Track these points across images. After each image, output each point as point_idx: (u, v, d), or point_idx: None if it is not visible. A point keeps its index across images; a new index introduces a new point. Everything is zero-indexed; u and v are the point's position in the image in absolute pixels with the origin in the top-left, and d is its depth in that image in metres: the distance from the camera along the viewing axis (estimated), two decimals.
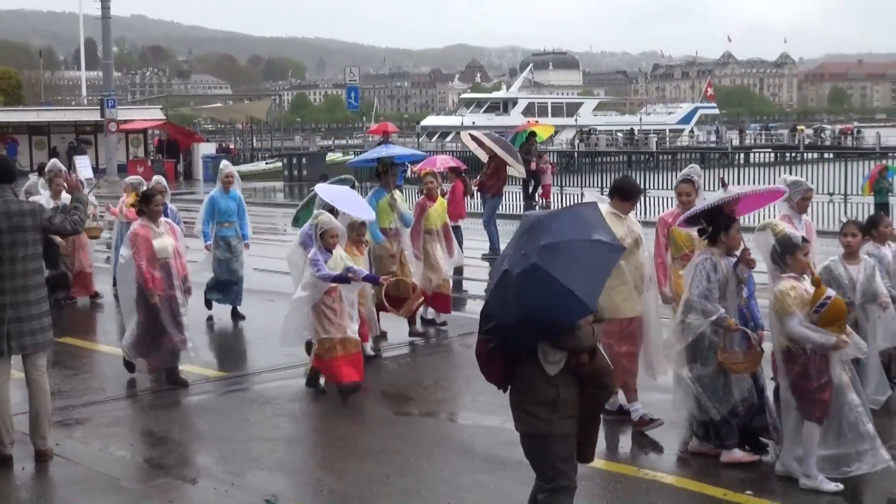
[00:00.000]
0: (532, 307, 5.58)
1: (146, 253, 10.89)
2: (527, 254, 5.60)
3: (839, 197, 27.15)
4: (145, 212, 11.11)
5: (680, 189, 9.82)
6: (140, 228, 11.04)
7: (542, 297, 5.57)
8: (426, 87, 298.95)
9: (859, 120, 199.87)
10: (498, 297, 5.75)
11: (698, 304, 8.09)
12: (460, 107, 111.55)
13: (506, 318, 5.71)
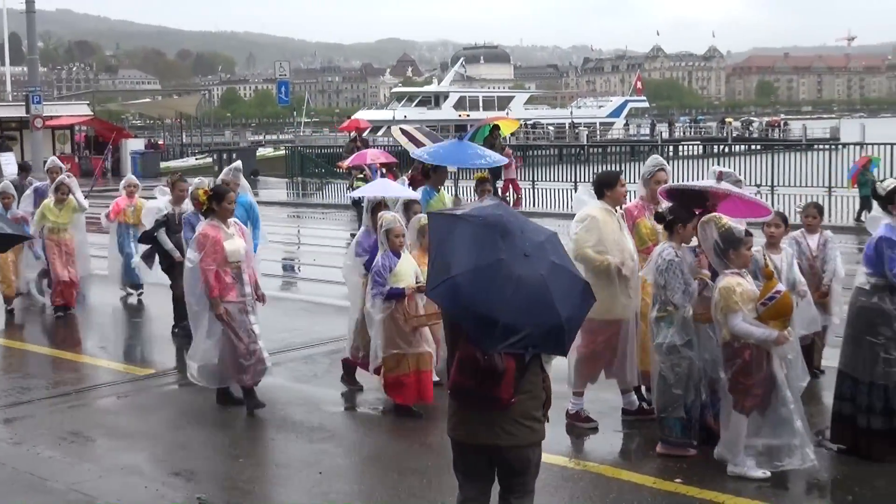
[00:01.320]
0: (568, 307, 5.37)
1: (217, 257, 9.75)
2: (531, 255, 5.35)
3: (766, 188, 27.51)
4: (215, 210, 9.92)
5: (658, 177, 9.62)
6: (210, 229, 9.85)
7: (573, 294, 5.44)
8: (357, 82, 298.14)
9: (786, 112, 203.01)
10: (522, 304, 5.27)
11: (682, 303, 8.09)
12: (392, 101, 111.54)
13: (541, 325, 5.33)
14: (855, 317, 8.25)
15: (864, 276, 8.19)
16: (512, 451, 5.64)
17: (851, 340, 8.32)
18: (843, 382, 8.36)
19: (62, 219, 15.12)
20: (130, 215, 16.00)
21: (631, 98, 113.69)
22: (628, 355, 9.13)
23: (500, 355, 5.37)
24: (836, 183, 27.63)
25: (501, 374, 5.41)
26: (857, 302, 8.22)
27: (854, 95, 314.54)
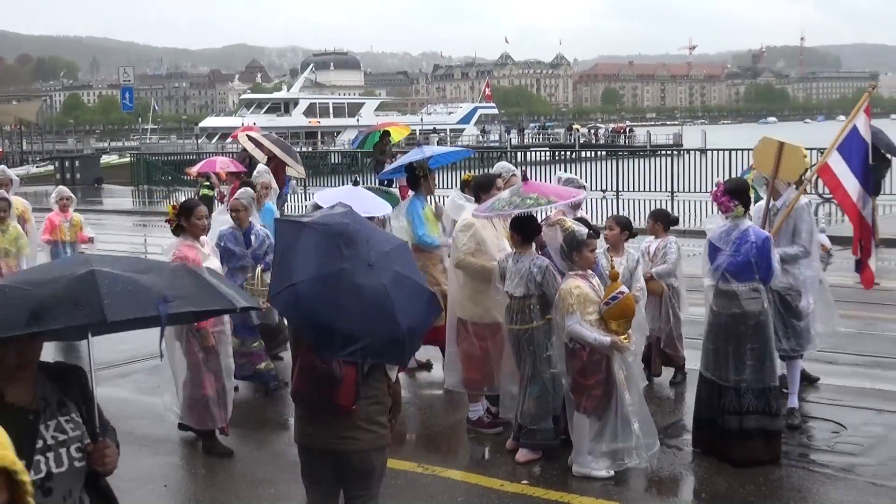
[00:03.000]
0: (410, 317, 5.30)
1: None
2: (375, 265, 5.28)
3: (612, 193, 28.06)
4: (185, 227, 8.93)
5: (513, 183, 9.58)
6: (187, 249, 8.80)
7: (416, 304, 5.38)
8: (205, 88, 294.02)
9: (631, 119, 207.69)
10: (363, 314, 5.19)
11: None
12: (241, 107, 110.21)
13: (381, 335, 5.25)
14: (726, 322, 8.28)
15: (736, 282, 8.24)
16: (355, 456, 5.62)
17: (717, 345, 8.36)
18: (705, 386, 8.43)
19: (8, 243, 12.64)
20: (67, 231, 14.22)
21: (480, 105, 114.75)
22: (504, 359, 9.16)
23: (338, 363, 5.35)
24: (678, 188, 28.35)
25: (340, 382, 5.40)
26: (727, 308, 8.26)
27: (696, 103, 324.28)
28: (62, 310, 3.72)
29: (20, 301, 3.71)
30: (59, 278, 3.85)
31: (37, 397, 3.97)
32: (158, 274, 4.14)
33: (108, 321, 3.74)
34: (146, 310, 3.89)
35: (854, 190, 9.44)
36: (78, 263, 4.06)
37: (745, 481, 7.80)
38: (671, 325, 10.37)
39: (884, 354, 11.79)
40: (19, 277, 4.19)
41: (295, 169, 19.79)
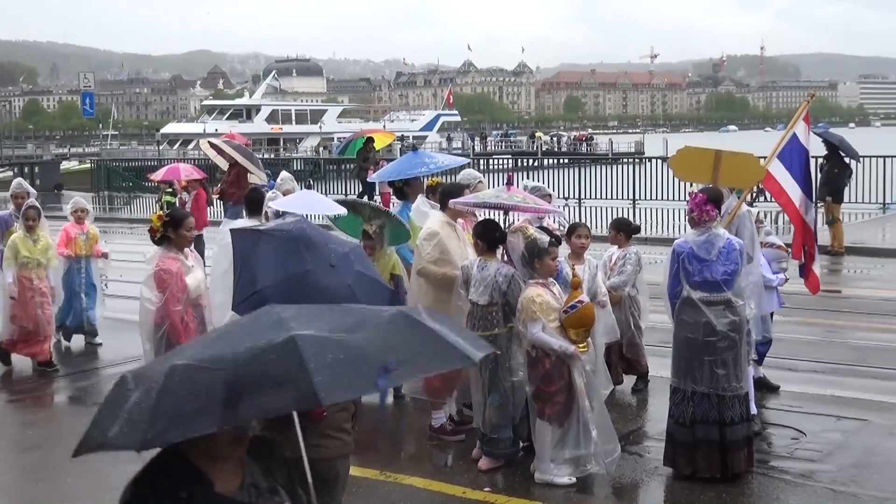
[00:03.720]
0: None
1: (181, 295, 8.53)
2: (337, 266, 5.31)
3: (574, 201, 28.18)
4: (172, 238, 8.70)
5: (479, 190, 9.63)
6: (170, 262, 8.61)
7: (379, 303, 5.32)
8: (167, 94, 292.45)
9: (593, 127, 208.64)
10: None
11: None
12: (202, 114, 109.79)
13: None
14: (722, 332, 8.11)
15: (728, 291, 8.21)
16: (320, 464, 5.59)
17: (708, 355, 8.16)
18: (692, 401, 8.21)
19: (39, 253, 12.32)
20: (83, 245, 13.57)
21: (443, 112, 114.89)
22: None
23: None
24: (639, 195, 28.52)
25: None
26: (721, 317, 8.13)
27: (657, 111, 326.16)
28: (265, 394, 3.04)
29: (210, 386, 3.04)
30: (253, 351, 3.13)
31: (246, 483, 3.45)
32: (373, 329, 3.38)
33: (322, 405, 3.13)
34: (366, 386, 3.19)
35: (796, 196, 9.55)
36: (270, 325, 3.32)
37: (706, 488, 7.84)
38: (632, 333, 10.42)
39: (843, 361, 11.89)
40: (200, 351, 3.30)
41: (257, 176, 19.71)
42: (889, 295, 16.09)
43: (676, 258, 8.14)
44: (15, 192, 13.70)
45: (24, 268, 12.21)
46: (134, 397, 3.09)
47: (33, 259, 12.20)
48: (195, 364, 3.12)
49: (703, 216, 8.11)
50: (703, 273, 8.07)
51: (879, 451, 8.75)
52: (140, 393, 3.10)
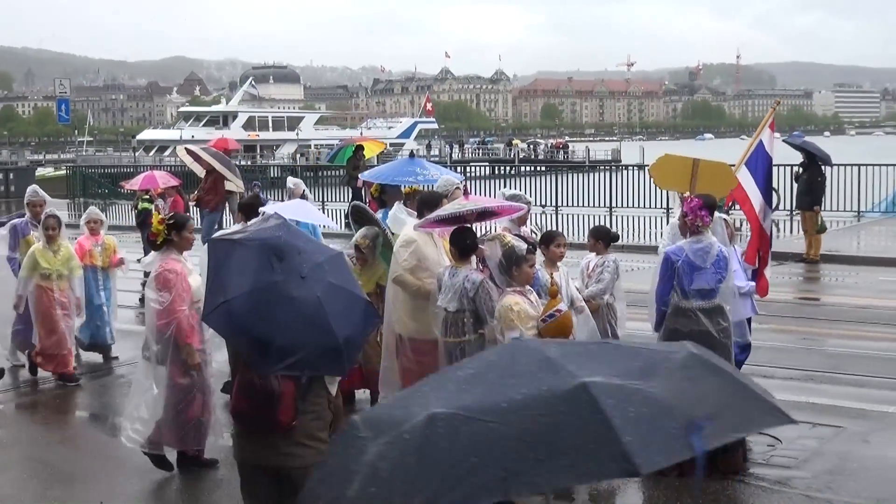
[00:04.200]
0: (346, 327, 5.30)
1: (187, 296, 8.34)
2: (308, 276, 5.27)
3: (551, 209, 28.22)
4: (175, 241, 8.56)
5: (456, 196, 9.64)
6: (174, 263, 8.48)
7: (352, 314, 5.37)
8: (143, 100, 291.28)
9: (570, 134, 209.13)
10: (297, 326, 5.19)
11: None
12: (179, 120, 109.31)
13: (317, 346, 5.25)
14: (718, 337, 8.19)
15: (720, 298, 8.22)
16: (296, 473, 5.59)
17: None
18: None
19: (60, 264, 11.90)
20: (98, 256, 13.03)
21: (420, 119, 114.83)
22: None
23: (276, 378, 5.32)
24: (616, 203, 28.60)
25: (279, 397, 5.37)
26: (715, 324, 8.21)
27: (634, 119, 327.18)
28: (564, 458, 2.58)
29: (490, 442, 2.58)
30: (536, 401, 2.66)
31: None
32: (668, 376, 2.85)
33: (640, 474, 2.64)
34: (681, 449, 2.67)
35: (756, 202, 9.63)
36: (540, 365, 2.88)
37: (682, 493, 7.87)
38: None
39: (818, 368, 11.96)
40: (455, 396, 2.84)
41: (234, 182, 19.69)
42: (864, 303, 16.18)
43: (670, 266, 8.13)
44: (31, 199, 13.28)
45: (45, 279, 11.77)
46: (375, 449, 2.70)
47: (54, 270, 11.76)
48: (462, 414, 2.68)
49: (698, 221, 8.14)
50: (699, 281, 8.10)
51: (854, 457, 8.81)
52: (383, 445, 2.70)
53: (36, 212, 12.94)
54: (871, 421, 9.83)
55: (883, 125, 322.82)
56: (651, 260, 19.18)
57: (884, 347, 13.01)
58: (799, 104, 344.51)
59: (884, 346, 13.06)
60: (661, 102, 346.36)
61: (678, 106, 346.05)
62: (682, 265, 8.08)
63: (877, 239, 24.35)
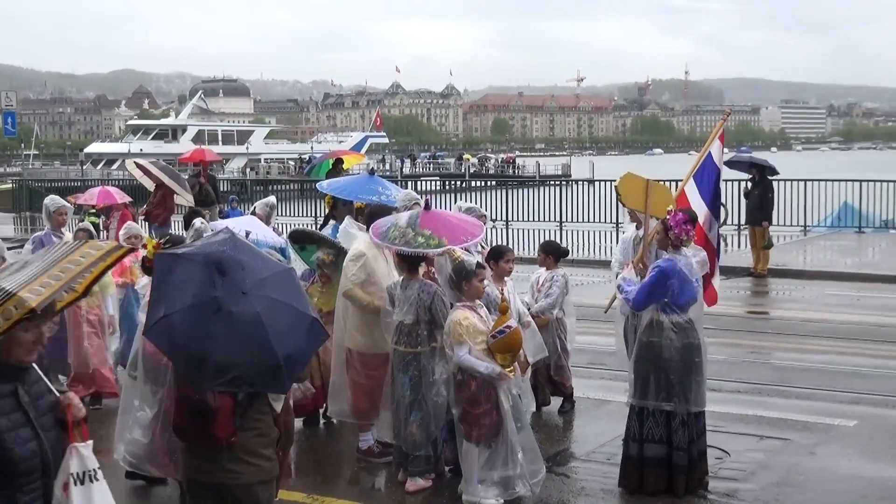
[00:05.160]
0: (288, 345, 5.24)
1: None
2: (250, 292, 5.23)
3: (501, 223, 28.30)
4: None
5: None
6: None
7: (295, 331, 5.33)
8: (91, 114, 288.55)
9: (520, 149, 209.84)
10: (235, 342, 5.14)
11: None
12: (127, 133, 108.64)
13: (255, 363, 5.19)
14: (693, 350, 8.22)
15: (693, 312, 8.26)
16: (239, 490, 5.54)
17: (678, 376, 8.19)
18: (655, 420, 8.25)
19: None
20: (139, 273, 11.95)
21: (371, 133, 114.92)
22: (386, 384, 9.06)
23: (212, 393, 5.29)
24: (566, 217, 28.73)
25: (215, 413, 5.33)
26: (688, 337, 8.20)
27: (584, 134, 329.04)
28: None
29: None
30: None
31: None
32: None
33: None
34: None
35: (702, 213, 9.72)
36: None
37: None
38: (559, 355, 10.46)
39: (766, 382, 12.07)
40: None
41: (183, 196, 19.61)
42: (811, 316, 16.36)
43: (666, 278, 8.04)
44: (57, 207, 12.44)
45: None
46: None
47: None
48: None
49: (683, 235, 8.16)
50: (687, 295, 8.13)
51: (801, 469, 8.89)
52: None
53: (60, 221, 12.36)
54: (817, 433, 9.93)
55: (829, 141, 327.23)
56: (601, 274, 19.32)
57: (830, 360, 13.16)
58: (746, 120, 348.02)
59: (830, 359, 13.21)
60: (610, 117, 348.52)
61: (628, 121, 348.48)
62: (678, 278, 8.05)
63: (823, 253, 24.65)
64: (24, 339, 4.30)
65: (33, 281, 4.21)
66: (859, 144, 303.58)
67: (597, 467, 8.99)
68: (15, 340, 4.26)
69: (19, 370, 4.37)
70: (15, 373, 4.35)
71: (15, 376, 4.34)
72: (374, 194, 11.69)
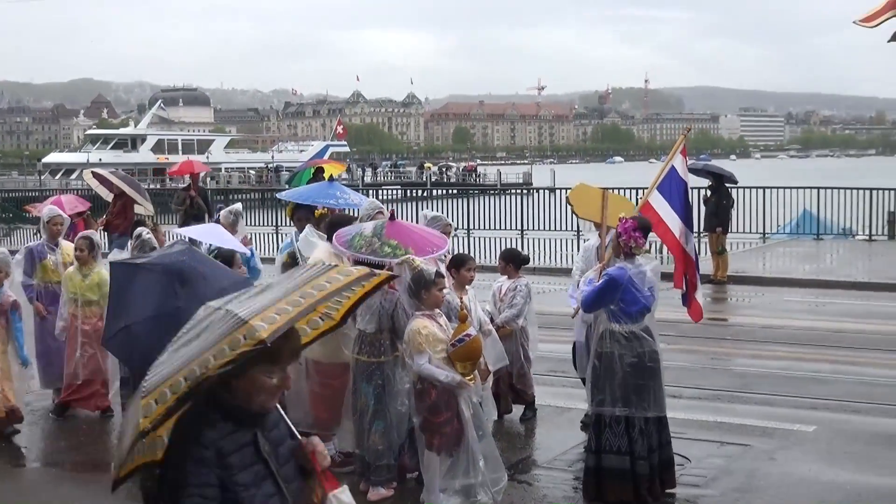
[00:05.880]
0: None
1: None
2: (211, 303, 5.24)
3: (463, 231, 28.31)
4: None
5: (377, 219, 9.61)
6: None
7: None
8: (49, 123, 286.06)
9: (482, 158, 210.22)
10: None
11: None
12: (86, 143, 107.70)
13: None
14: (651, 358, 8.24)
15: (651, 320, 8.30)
16: None
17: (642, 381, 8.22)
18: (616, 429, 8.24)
19: (88, 290, 10.97)
20: None
21: (332, 142, 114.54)
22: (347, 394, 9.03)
23: None
24: (528, 226, 28.80)
25: None
26: (648, 346, 8.23)
27: (545, 142, 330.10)
28: None
29: None
30: None
31: None
32: None
33: None
34: None
35: (676, 227, 9.76)
36: None
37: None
38: (522, 364, 10.47)
39: (726, 388, 12.13)
40: None
41: (144, 206, 19.48)
42: (770, 322, 16.47)
43: (616, 285, 8.04)
44: (51, 217, 12.15)
45: (70, 304, 10.99)
46: None
47: (80, 295, 10.91)
48: None
49: (632, 242, 8.17)
50: (644, 302, 8.13)
51: (761, 475, 8.95)
52: None
53: (55, 231, 12.08)
54: (776, 439, 9.99)
55: (787, 148, 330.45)
56: (562, 282, 19.33)
57: (789, 366, 13.25)
58: (706, 128, 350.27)
59: (789, 365, 13.31)
60: (571, 126, 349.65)
61: (588, 129, 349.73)
62: (627, 286, 8.04)
63: (782, 260, 24.85)
64: (267, 384, 3.74)
65: (269, 308, 3.61)
66: (817, 152, 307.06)
67: (559, 475, 9.01)
68: (257, 385, 3.70)
69: (259, 415, 3.83)
70: (255, 419, 3.81)
71: (254, 422, 3.80)
72: (332, 198, 11.71)
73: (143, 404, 3.59)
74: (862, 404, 11.31)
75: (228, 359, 3.45)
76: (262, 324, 3.47)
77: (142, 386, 3.68)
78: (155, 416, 3.53)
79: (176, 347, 3.80)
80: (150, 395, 3.61)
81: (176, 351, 3.76)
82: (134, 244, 9.96)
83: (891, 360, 13.70)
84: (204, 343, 3.61)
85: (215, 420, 3.69)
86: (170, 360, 3.71)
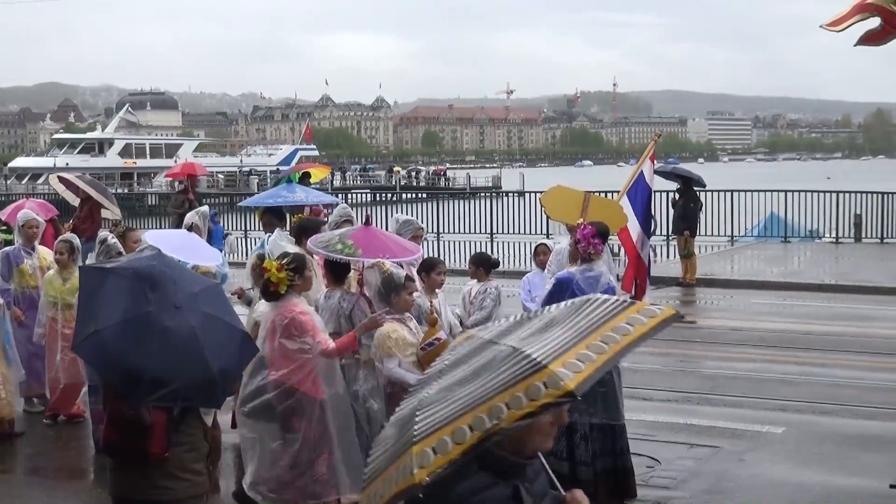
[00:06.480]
0: (222, 359, 5.21)
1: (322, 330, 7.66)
2: (183, 307, 5.20)
3: (432, 235, 28.31)
4: (297, 284, 7.62)
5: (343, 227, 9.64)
6: (300, 304, 7.70)
7: (228, 346, 5.31)
8: (15, 127, 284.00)
9: (451, 161, 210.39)
10: (170, 357, 5.07)
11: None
12: (53, 148, 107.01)
13: (191, 378, 5.13)
14: None
15: None
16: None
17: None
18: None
19: (68, 293, 10.48)
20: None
21: (301, 146, 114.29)
22: None
23: (147, 409, 5.24)
24: (497, 229, 28.82)
25: (150, 428, 5.29)
26: None
27: (514, 146, 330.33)
28: None
29: None
30: None
31: None
32: None
33: None
34: None
35: (634, 231, 9.82)
36: None
37: None
38: None
39: (695, 390, 12.19)
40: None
41: (111, 210, 19.38)
42: (739, 325, 16.57)
43: (562, 291, 8.01)
44: (26, 221, 12.01)
45: (50, 308, 10.84)
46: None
47: (59, 299, 10.73)
48: None
49: (590, 248, 8.17)
50: None
51: (730, 476, 8.99)
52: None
53: (30, 234, 11.93)
54: (746, 440, 10.05)
55: (754, 152, 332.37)
56: None
57: (757, 368, 13.33)
58: (674, 131, 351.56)
59: (757, 367, 13.38)
60: (540, 129, 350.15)
61: (557, 133, 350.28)
62: (574, 290, 7.99)
63: (750, 263, 24.99)
64: (543, 422, 3.20)
65: (567, 351, 3.12)
66: (784, 155, 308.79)
67: None
68: (534, 426, 3.15)
69: (523, 466, 3.29)
70: (518, 469, 3.26)
71: (517, 473, 3.26)
72: (279, 198, 11.79)
73: (415, 452, 3.08)
74: (830, 406, 11.40)
75: (527, 410, 2.98)
76: (566, 371, 3.03)
77: (413, 429, 3.17)
78: (434, 468, 3.03)
79: (448, 384, 3.30)
80: (424, 440, 3.10)
81: (449, 389, 3.25)
82: (99, 249, 9.87)
83: (858, 361, 13.81)
84: (490, 385, 3.10)
85: (470, 470, 3.14)
86: (444, 400, 3.20)
